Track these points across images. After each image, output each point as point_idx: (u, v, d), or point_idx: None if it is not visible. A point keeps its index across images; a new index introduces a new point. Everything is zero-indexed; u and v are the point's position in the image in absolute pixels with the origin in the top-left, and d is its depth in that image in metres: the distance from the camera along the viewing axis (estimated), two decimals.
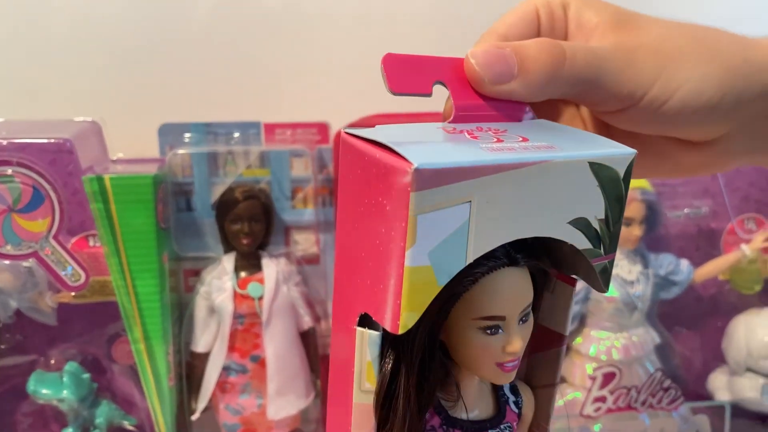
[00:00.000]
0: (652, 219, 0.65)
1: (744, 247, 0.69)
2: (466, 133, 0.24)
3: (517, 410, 0.29)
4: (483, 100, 0.27)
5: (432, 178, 0.20)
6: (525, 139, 0.24)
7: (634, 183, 0.64)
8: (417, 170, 0.19)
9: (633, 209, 0.63)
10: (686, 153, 0.33)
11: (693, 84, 0.29)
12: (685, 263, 0.68)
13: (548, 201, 0.22)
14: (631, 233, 0.64)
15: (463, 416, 0.27)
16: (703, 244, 0.71)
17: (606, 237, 0.24)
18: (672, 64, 0.29)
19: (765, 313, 0.69)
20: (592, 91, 0.29)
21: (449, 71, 0.27)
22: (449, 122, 0.27)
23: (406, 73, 0.26)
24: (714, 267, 0.69)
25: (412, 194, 0.20)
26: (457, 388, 0.26)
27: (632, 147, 0.34)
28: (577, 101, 0.34)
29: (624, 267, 0.65)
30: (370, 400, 0.24)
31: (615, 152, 0.24)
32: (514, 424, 0.29)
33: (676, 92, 0.29)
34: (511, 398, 0.29)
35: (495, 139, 0.24)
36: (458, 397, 0.26)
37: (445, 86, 0.27)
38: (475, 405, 0.28)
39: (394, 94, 0.26)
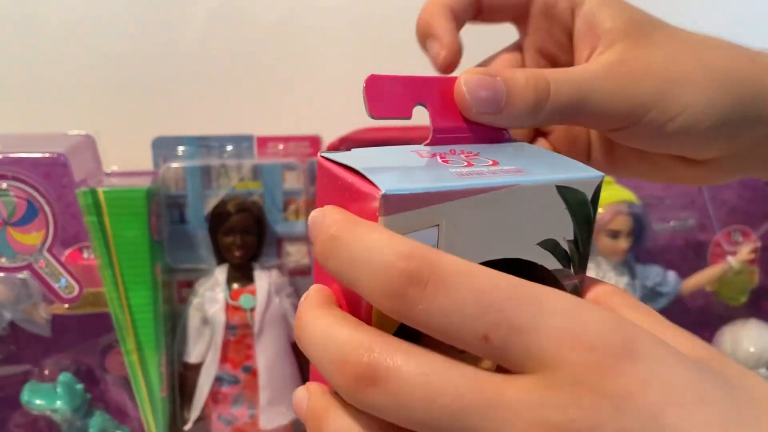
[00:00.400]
0: (639, 231, 0.66)
1: (730, 258, 0.70)
2: (438, 157, 0.25)
3: None
4: (462, 122, 0.28)
5: (399, 203, 0.20)
6: (495, 163, 0.24)
7: (621, 196, 0.65)
8: (384, 196, 0.20)
9: (620, 222, 0.64)
10: (683, 168, 0.33)
11: (695, 109, 0.29)
12: (672, 275, 0.69)
13: (517, 224, 0.23)
14: (618, 246, 0.65)
15: None
16: (691, 256, 0.72)
17: (575, 257, 0.25)
18: (676, 89, 0.29)
19: (750, 324, 0.70)
20: (579, 118, 0.29)
21: (430, 92, 0.27)
22: (425, 144, 0.27)
23: (388, 96, 0.26)
24: (701, 278, 0.70)
25: (380, 218, 0.20)
26: None
27: (630, 156, 0.34)
28: (569, 125, 0.34)
29: (611, 279, 0.66)
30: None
31: (582, 176, 0.24)
32: None
33: (676, 117, 0.29)
34: None
35: (465, 163, 0.24)
36: None
37: (425, 108, 0.27)
38: None
39: (374, 118, 0.26)
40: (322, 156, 0.24)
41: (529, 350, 0.18)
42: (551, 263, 0.24)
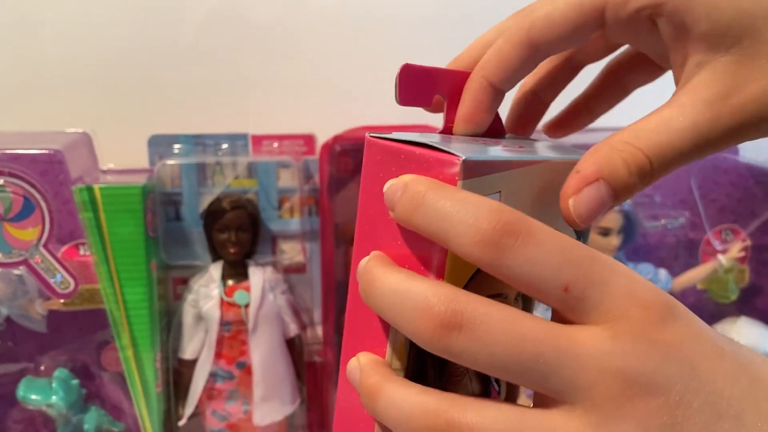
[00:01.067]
0: (630, 229, 0.66)
1: (720, 257, 0.70)
2: (473, 139, 0.27)
3: (497, 387, 0.30)
4: None
5: (474, 169, 0.22)
6: (521, 147, 0.27)
7: None
8: (465, 162, 0.22)
9: (610, 220, 0.65)
10: None
11: None
12: (663, 272, 0.70)
13: (548, 196, 0.25)
14: (608, 243, 0.65)
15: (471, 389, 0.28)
16: (682, 253, 0.72)
17: (585, 232, 0.27)
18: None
19: (741, 321, 0.71)
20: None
21: (451, 84, 0.29)
22: (438, 132, 0.28)
23: (415, 84, 0.28)
24: (691, 276, 0.71)
25: (459, 182, 0.22)
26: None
27: None
28: None
29: None
30: (399, 377, 0.25)
31: None
32: None
33: None
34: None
35: (501, 146, 0.26)
36: (465, 372, 0.28)
37: (444, 98, 0.29)
38: (474, 380, 0.29)
39: (401, 105, 0.28)
40: (371, 136, 0.26)
41: (601, 303, 0.20)
42: (570, 234, 0.26)
